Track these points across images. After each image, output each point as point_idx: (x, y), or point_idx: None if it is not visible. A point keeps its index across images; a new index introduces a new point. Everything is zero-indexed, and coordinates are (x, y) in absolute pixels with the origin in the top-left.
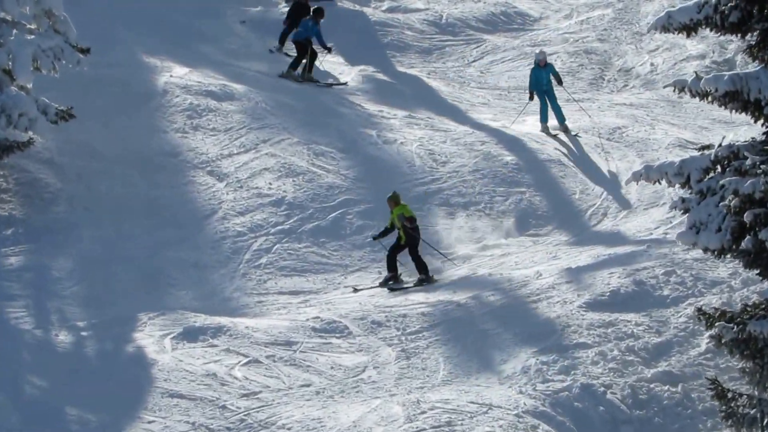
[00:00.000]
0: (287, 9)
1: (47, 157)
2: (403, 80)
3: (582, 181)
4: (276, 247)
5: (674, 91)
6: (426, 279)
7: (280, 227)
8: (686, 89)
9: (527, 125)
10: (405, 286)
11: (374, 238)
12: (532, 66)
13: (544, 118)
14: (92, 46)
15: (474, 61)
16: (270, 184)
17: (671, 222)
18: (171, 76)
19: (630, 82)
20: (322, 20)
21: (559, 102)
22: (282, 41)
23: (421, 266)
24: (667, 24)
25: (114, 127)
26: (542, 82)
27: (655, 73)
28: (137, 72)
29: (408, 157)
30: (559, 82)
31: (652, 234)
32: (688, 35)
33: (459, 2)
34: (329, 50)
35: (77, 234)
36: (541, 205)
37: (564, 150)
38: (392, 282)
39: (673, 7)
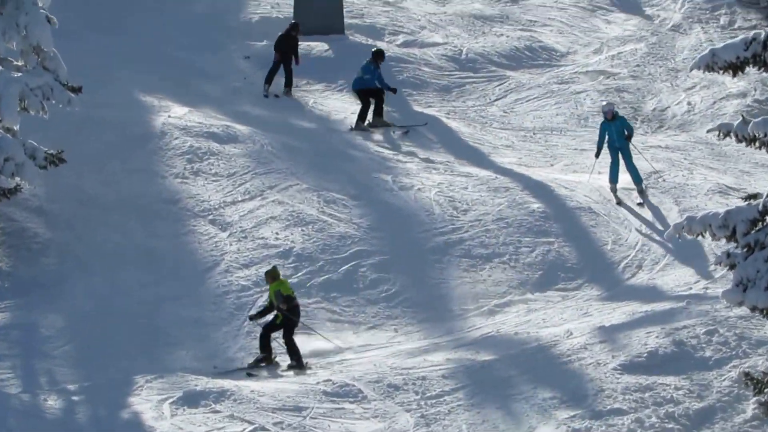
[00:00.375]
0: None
1: (36, 205)
2: (420, 120)
3: (614, 231)
4: None
5: (718, 135)
6: (297, 366)
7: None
8: (732, 133)
9: (555, 169)
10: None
11: (251, 318)
12: (601, 120)
13: (614, 178)
14: (84, 85)
15: (496, 99)
16: (277, 234)
17: (712, 276)
18: (169, 116)
19: (665, 123)
20: (382, 62)
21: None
22: (269, 80)
23: (293, 351)
24: (711, 63)
25: (108, 171)
26: (613, 137)
27: (692, 113)
28: (133, 112)
29: (426, 204)
30: (630, 136)
31: (691, 289)
32: (734, 75)
33: (480, 36)
34: (394, 91)
35: (68, 288)
36: (570, 256)
37: (594, 197)
38: (263, 363)
39: (712, 41)
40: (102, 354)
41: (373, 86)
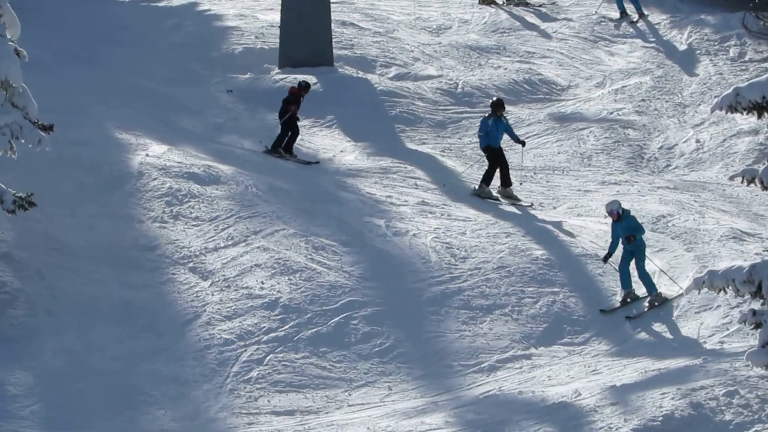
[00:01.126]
0: (282, 103)
1: (4, 252)
2: (415, 159)
3: None
4: (269, 357)
5: (742, 181)
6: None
7: (273, 334)
8: (757, 180)
9: (557, 213)
10: None
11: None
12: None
13: (625, 284)
14: (57, 121)
15: None
16: (262, 283)
17: (727, 329)
18: (147, 155)
19: (673, 162)
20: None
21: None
22: (281, 144)
23: None
24: (734, 103)
25: (81, 215)
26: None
27: (701, 152)
28: (108, 151)
29: (422, 251)
30: (631, 238)
31: (705, 343)
32: (759, 116)
33: (476, 68)
34: (523, 144)
35: (38, 343)
36: (576, 308)
37: (600, 243)
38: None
39: (721, 74)
40: (74, 415)
41: (496, 145)
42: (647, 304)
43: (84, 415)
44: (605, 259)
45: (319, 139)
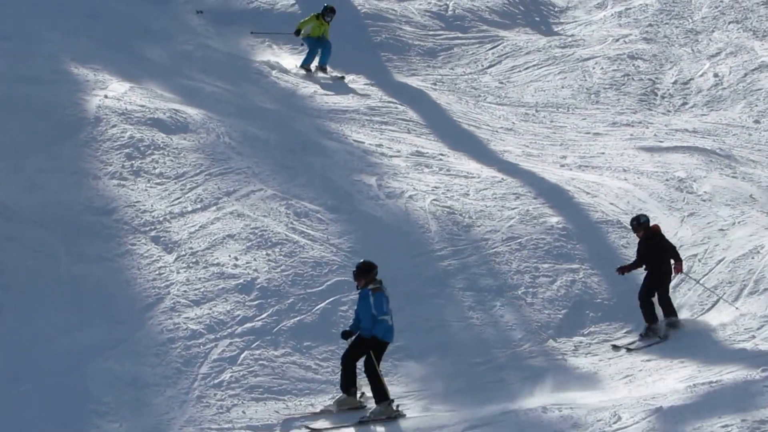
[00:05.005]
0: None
1: None
2: (405, 95)
3: None
4: (244, 355)
5: None
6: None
7: (249, 325)
8: None
9: (571, 164)
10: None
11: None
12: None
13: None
14: (4, 53)
15: (490, 66)
16: (236, 259)
17: None
18: (106, 96)
19: (690, 99)
20: None
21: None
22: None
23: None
24: None
25: (27, 170)
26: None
27: (720, 88)
28: (62, 90)
29: (420, 217)
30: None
31: (755, 339)
32: None
33: None
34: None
35: None
36: (600, 288)
37: (621, 206)
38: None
39: None
40: (10, 426)
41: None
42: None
43: (22, 427)
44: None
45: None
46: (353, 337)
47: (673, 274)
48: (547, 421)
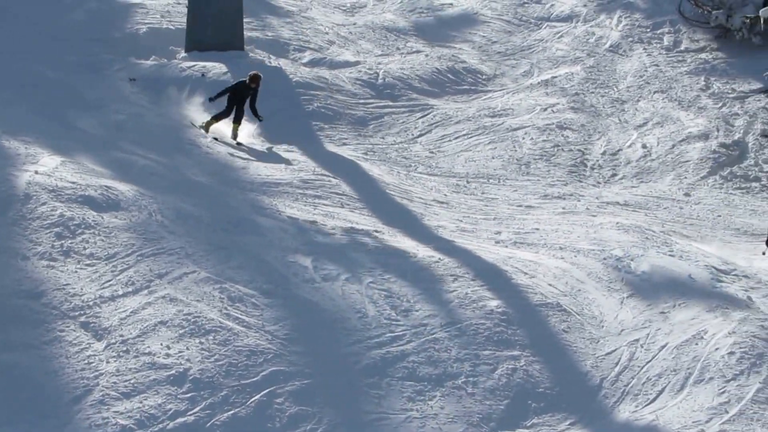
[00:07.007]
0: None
1: None
2: (337, 166)
3: (591, 337)
4: None
5: None
6: None
7: (181, 420)
8: None
9: (506, 240)
10: None
11: None
12: None
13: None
14: None
15: (420, 135)
16: (168, 348)
17: (726, 411)
18: (36, 172)
19: (619, 170)
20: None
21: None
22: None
23: None
24: None
25: None
26: None
27: (649, 159)
28: None
29: (357, 301)
30: None
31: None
32: None
33: (395, 52)
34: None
35: None
36: (542, 377)
37: (560, 287)
38: None
39: (657, 65)
40: None
41: None
42: None
43: None
44: None
45: (230, 141)
46: None
47: None
48: None
